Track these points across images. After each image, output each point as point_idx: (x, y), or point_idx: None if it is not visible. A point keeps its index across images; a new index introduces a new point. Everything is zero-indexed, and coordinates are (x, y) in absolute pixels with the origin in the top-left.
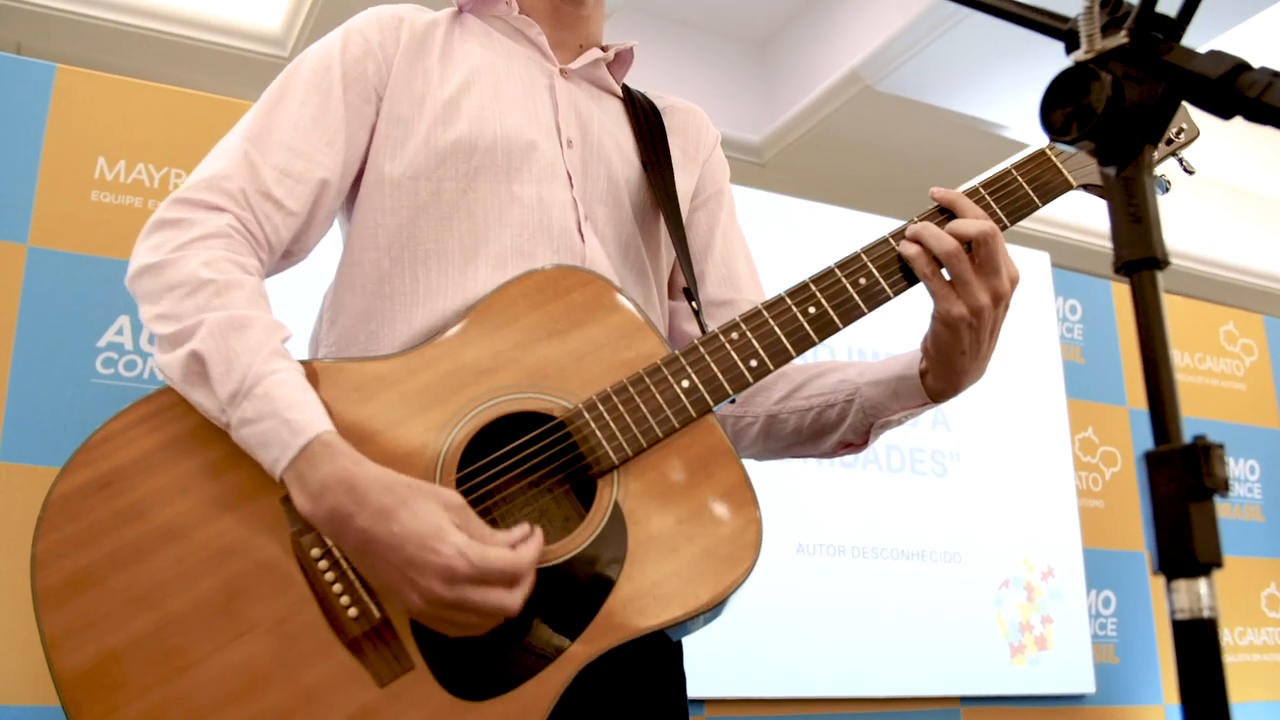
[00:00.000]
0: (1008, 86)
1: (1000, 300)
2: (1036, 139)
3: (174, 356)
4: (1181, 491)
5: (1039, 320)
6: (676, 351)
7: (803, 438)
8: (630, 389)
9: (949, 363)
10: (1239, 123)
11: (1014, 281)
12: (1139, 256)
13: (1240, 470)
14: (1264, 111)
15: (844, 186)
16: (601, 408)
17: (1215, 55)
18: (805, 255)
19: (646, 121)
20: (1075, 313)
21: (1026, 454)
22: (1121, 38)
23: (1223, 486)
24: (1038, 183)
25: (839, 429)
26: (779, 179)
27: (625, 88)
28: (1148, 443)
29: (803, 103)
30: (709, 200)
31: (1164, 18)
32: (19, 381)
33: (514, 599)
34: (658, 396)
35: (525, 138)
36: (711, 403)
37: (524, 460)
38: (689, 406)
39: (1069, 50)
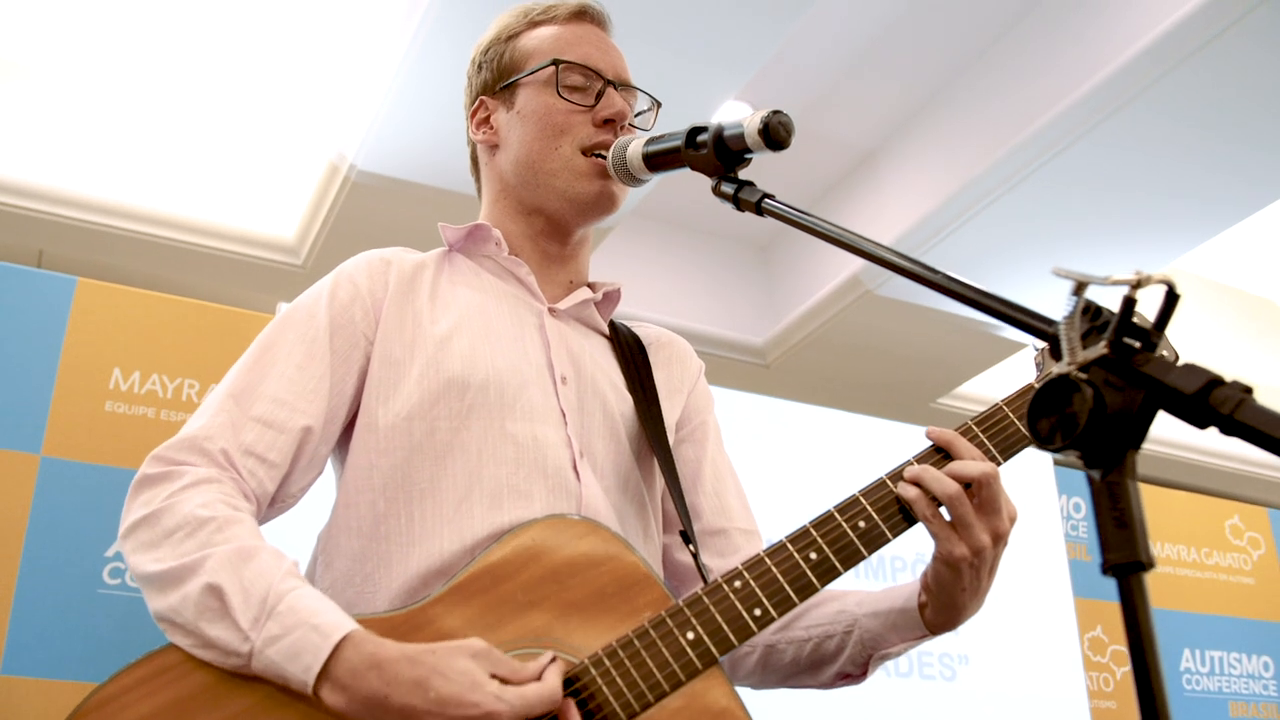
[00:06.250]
0: (1004, 289)
1: (1000, 540)
2: (1032, 340)
3: (184, 594)
4: None
5: (1043, 519)
6: (680, 602)
7: (801, 668)
8: (636, 643)
9: (950, 599)
10: (1241, 315)
11: (1013, 519)
12: (1125, 560)
13: (1253, 667)
14: (1236, 427)
15: (845, 387)
16: (608, 663)
17: (1190, 369)
18: (808, 458)
19: (632, 357)
20: (1079, 510)
21: (1035, 655)
22: (1102, 348)
23: None
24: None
25: (838, 660)
26: (781, 381)
27: (611, 323)
28: (1160, 638)
29: (804, 306)
30: (695, 431)
31: (1140, 328)
32: (25, 590)
33: None
34: (664, 651)
35: (518, 377)
36: (717, 655)
37: None
38: (695, 660)
39: (1054, 354)
